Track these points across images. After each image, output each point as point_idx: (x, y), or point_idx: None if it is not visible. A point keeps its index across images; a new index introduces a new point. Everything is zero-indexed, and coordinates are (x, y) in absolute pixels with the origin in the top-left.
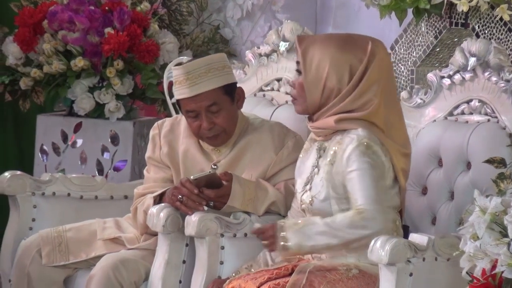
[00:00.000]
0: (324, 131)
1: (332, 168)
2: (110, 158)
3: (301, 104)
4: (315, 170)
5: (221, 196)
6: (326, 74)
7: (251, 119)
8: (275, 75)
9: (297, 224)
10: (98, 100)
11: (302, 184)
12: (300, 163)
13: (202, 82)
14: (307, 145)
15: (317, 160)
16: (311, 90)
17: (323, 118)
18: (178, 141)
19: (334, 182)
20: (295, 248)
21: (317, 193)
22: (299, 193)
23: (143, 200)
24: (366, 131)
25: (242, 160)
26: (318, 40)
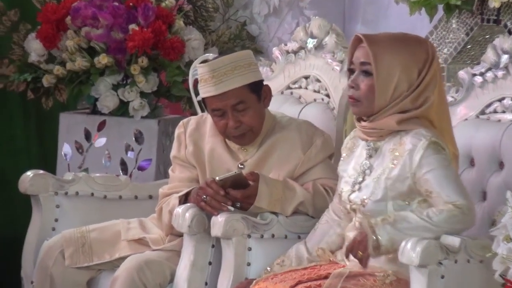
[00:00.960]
0: (380, 131)
1: (393, 169)
2: (134, 157)
3: (366, 106)
4: (366, 171)
5: (248, 196)
6: (397, 78)
7: (278, 117)
8: (303, 73)
9: (386, 219)
10: (122, 98)
11: (348, 184)
12: (344, 163)
13: (228, 80)
14: (350, 144)
15: (368, 160)
16: (382, 93)
17: (382, 119)
18: (204, 140)
19: (396, 183)
20: (388, 244)
21: (371, 194)
22: (345, 193)
23: (168, 200)
24: (428, 130)
25: (269, 159)
26: (387, 42)
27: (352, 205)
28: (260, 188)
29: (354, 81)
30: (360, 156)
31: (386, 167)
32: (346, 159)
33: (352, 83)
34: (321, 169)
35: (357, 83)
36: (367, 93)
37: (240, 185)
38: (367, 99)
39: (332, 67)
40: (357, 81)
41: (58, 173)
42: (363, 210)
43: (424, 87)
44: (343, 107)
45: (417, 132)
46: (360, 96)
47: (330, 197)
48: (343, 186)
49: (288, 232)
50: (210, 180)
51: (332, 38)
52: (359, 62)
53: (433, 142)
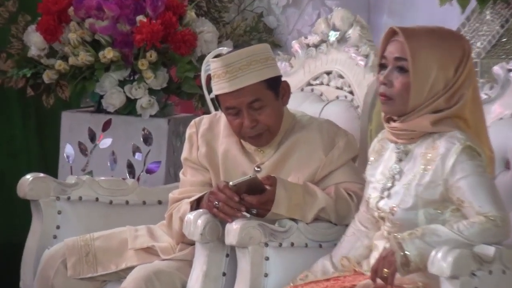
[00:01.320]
0: (412, 133)
1: (425, 175)
2: (142, 159)
3: (399, 105)
4: (396, 176)
5: (265, 202)
6: (434, 76)
7: (298, 116)
8: (325, 68)
9: (414, 233)
10: (129, 95)
11: (377, 190)
12: (372, 167)
13: (243, 75)
14: (378, 146)
15: (398, 164)
16: (417, 92)
17: (414, 119)
18: (218, 141)
19: (428, 190)
20: (417, 260)
21: (401, 201)
22: (373, 199)
23: (179, 205)
24: (463, 133)
25: (288, 161)
26: (424, 36)
27: (380, 213)
28: (278, 193)
29: (387, 78)
30: (389, 160)
31: (417, 172)
32: (374, 163)
33: (385, 79)
34: (344, 172)
35: (390, 80)
36: (401, 91)
37: (256, 190)
38: (401, 97)
39: (356, 62)
40: (390, 77)
41: (60, 176)
42: (392, 218)
43: (459, 86)
44: (368, 105)
45: (452, 135)
46: (393, 94)
47: (354, 202)
48: (370, 192)
49: (309, 240)
50: (223, 184)
51: (356, 30)
52: (394, 57)
53: (468, 147)
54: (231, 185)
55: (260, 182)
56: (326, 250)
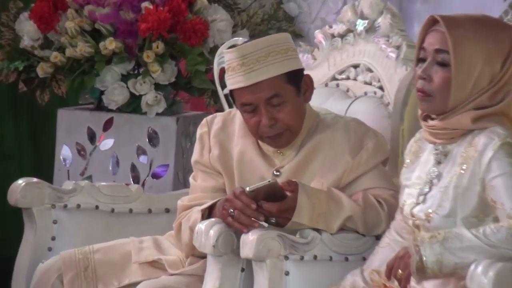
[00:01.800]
0: (452, 132)
1: (463, 175)
2: (147, 162)
3: (439, 102)
4: (434, 180)
5: (285, 210)
6: (478, 70)
7: (321, 114)
8: (351, 61)
9: (435, 237)
10: (133, 91)
11: (412, 195)
12: (408, 170)
13: (261, 68)
14: (415, 147)
15: (436, 166)
16: (460, 89)
17: (454, 117)
18: (232, 142)
19: (466, 193)
20: (435, 267)
21: (437, 207)
22: (408, 206)
23: (189, 214)
24: (504, 128)
25: (310, 165)
26: (468, 26)
27: (415, 221)
28: (299, 200)
29: (426, 72)
30: (427, 162)
31: (454, 173)
32: (410, 165)
33: (424, 73)
34: (373, 177)
35: (429, 74)
36: (442, 87)
37: (276, 196)
38: (441, 94)
39: (387, 54)
40: (429, 71)
41: (56, 181)
42: (428, 226)
43: (505, 81)
44: (400, 102)
45: (492, 130)
46: (433, 90)
47: (384, 211)
48: (406, 198)
49: (334, 253)
50: (239, 190)
51: (387, 19)
52: (433, 49)
53: (508, 144)
54: (248, 191)
55: (280, 188)
56: (353, 264)
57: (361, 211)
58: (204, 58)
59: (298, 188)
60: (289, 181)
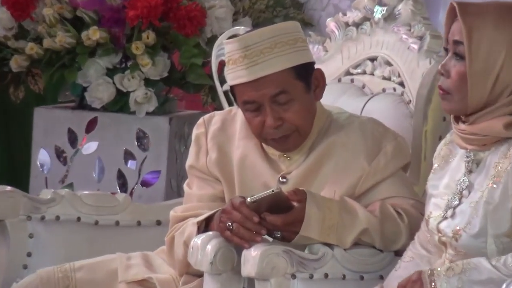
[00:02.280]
0: (484, 138)
1: (495, 190)
2: (136, 168)
3: (457, 101)
4: (464, 192)
5: (291, 223)
6: (500, 63)
7: (334, 114)
8: (368, 53)
9: (453, 269)
10: (120, 87)
11: (440, 207)
12: (435, 177)
13: (265, 61)
14: (445, 151)
15: (467, 176)
16: (477, 84)
17: (486, 120)
18: (232, 144)
19: (498, 210)
20: None
21: (466, 224)
22: (434, 219)
23: (183, 227)
24: None
25: (321, 171)
26: (490, 12)
27: (441, 237)
28: (308, 211)
29: (444, 67)
30: (457, 170)
31: (486, 187)
32: (438, 171)
33: (442, 68)
34: (392, 184)
35: (447, 69)
36: (459, 84)
37: (281, 207)
38: (459, 91)
39: (408, 45)
40: (448, 66)
41: (32, 190)
42: (456, 245)
43: None
44: (422, 99)
45: None
46: (450, 87)
47: (405, 223)
48: (432, 209)
49: (347, 270)
50: (238, 201)
51: (408, 5)
52: (453, 41)
53: None
54: (249, 201)
55: (286, 198)
56: (369, 283)
57: (378, 223)
58: (200, 49)
59: (306, 198)
60: (296, 189)
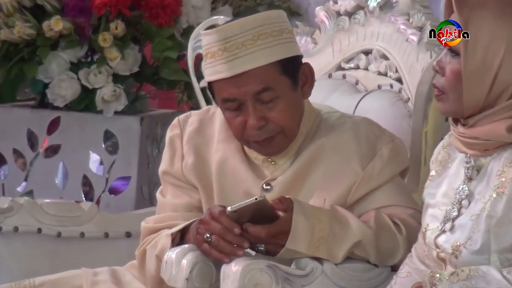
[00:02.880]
0: (484, 142)
1: (499, 202)
2: (104, 174)
3: (453, 101)
4: (463, 202)
5: (276, 235)
6: (499, 61)
7: (324, 113)
8: (362, 46)
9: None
10: (85, 83)
11: (437, 218)
12: (433, 184)
13: (247, 54)
14: (443, 155)
15: (467, 184)
16: (473, 84)
17: (487, 123)
18: (211, 147)
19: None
20: None
21: (467, 239)
22: (431, 232)
23: (156, 239)
24: None
25: (310, 177)
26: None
27: (440, 253)
28: (295, 221)
29: (439, 63)
30: (456, 176)
31: (489, 198)
32: (435, 178)
33: (437, 65)
34: (388, 192)
35: (442, 66)
36: (454, 83)
37: (265, 217)
38: (454, 91)
39: (406, 37)
40: (442, 62)
41: None
42: (456, 262)
43: None
44: (422, 97)
45: None
46: (445, 86)
47: (402, 235)
48: (429, 220)
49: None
50: (218, 210)
51: None
52: None
53: None
54: (230, 211)
55: (271, 207)
56: None
57: (373, 235)
58: (175, 42)
59: (293, 207)
60: (282, 197)
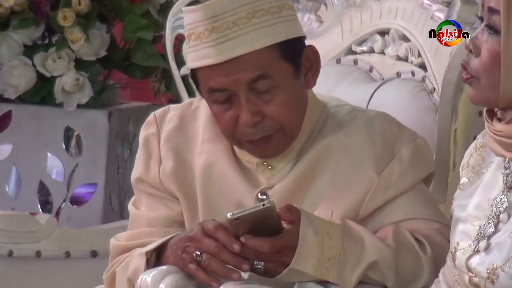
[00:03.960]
0: None
1: None
2: (65, 180)
3: (486, 88)
4: (502, 216)
5: (280, 251)
6: None
7: (331, 107)
8: (377, 25)
9: None
10: (42, 70)
11: (469, 236)
12: (463, 194)
13: (240, 35)
14: (476, 159)
15: (506, 194)
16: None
17: None
18: (194, 149)
19: None
20: None
21: (506, 260)
22: (462, 253)
23: (127, 259)
24: None
25: (313, 184)
26: None
27: (473, 277)
28: (303, 236)
29: (474, 41)
30: (492, 185)
31: None
32: (467, 187)
33: (471, 43)
34: (410, 202)
35: (477, 45)
36: (489, 66)
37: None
38: (489, 76)
39: (431, 14)
40: (478, 41)
41: None
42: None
43: None
44: (451, 87)
45: None
46: (478, 69)
47: (427, 255)
48: (459, 238)
49: None
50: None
51: None
52: (487, 8)
53: None
54: (230, 218)
55: (277, 217)
56: None
57: (391, 255)
58: (150, 20)
59: (300, 218)
60: (290, 206)
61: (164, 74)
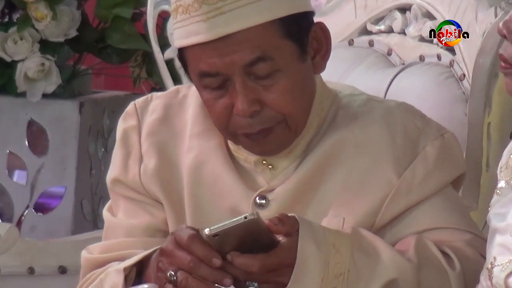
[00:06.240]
0: None
1: None
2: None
3: None
4: None
5: (274, 269)
6: None
7: (343, 96)
8: (395, 0)
9: None
10: (1, 54)
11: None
12: (503, 201)
13: (235, 9)
14: None
15: None
16: None
17: None
18: (181, 145)
19: None
20: None
21: None
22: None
23: (101, 276)
24: None
25: (322, 187)
26: None
27: None
28: (302, 250)
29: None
30: None
31: None
32: (506, 192)
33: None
34: (435, 208)
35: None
36: None
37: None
38: None
39: None
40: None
41: None
42: None
43: None
44: (484, 73)
45: None
46: None
47: (455, 270)
48: (496, 252)
49: None
50: (188, 234)
51: None
52: None
53: None
54: (208, 234)
55: (267, 229)
56: None
57: (413, 271)
58: None
59: (298, 229)
60: (282, 215)
61: (145, 58)
